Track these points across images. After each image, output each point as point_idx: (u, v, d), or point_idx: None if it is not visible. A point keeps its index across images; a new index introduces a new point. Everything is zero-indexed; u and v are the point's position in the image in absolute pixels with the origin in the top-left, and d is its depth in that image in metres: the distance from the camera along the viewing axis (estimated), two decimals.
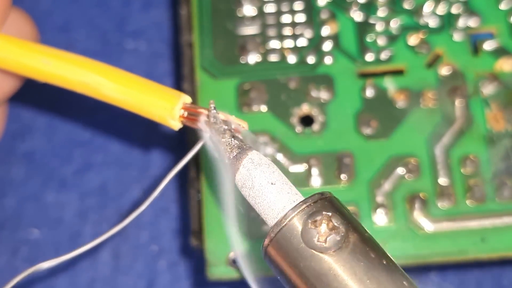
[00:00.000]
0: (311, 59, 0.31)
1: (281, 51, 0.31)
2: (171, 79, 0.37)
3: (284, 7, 0.31)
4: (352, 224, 0.20)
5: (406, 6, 0.31)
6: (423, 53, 0.30)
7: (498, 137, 0.29)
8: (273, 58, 0.31)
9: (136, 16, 0.39)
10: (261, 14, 0.31)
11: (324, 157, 0.29)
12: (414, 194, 0.29)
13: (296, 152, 0.29)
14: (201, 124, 0.23)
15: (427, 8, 0.31)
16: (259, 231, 0.28)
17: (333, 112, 0.30)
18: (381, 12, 0.31)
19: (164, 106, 0.23)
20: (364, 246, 0.20)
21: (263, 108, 0.30)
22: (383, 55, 0.31)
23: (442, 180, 0.29)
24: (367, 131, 0.29)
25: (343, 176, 0.29)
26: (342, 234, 0.20)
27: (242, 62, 0.31)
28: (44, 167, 0.35)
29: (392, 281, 0.19)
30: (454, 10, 0.31)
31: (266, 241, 0.20)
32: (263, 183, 0.21)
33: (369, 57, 0.31)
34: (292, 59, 0.31)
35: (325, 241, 0.20)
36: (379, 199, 0.29)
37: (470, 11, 0.31)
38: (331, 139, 0.30)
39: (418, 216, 0.28)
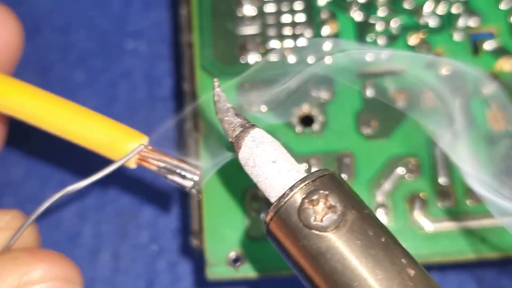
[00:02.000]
0: (311, 59, 0.31)
1: (281, 51, 0.31)
2: (171, 79, 0.37)
3: (284, 7, 0.32)
4: (351, 202, 0.20)
5: (406, 6, 0.31)
6: (423, 53, 0.30)
7: (498, 137, 0.29)
8: (273, 58, 0.31)
9: (136, 16, 0.39)
10: (261, 14, 0.31)
11: (324, 157, 0.29)
12: (414, 194, 0.29)
13: (296, 152, 0.29)
14: (156, 169, 0.23)
15: (427, 8, 0.31)
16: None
17: (333, 112, 0.30)
18: (381, 12, 0.31)
19: (117, 148, 0.24)
20: (362, 224, 0.20)
21: (263, 108, 0.30)
22: (383, 55, 0.31)
23: (442, 180, 0.29)
24: (367, 131, 0.29)
25: (343, 176, 0.29)
26: (339, 212, 0.20)
27: (242, 62, 0.31)
28: (43, 167, 0.35)
29: (390, 259, 0.19)
30: (454, 10, 0.31)
31: (267, 218, 0.21)
32: (264, 161, 0.21)
33: (370, 57, 0.31)
34: (292, 59, 0.31)
35: (322, 220, 0.20)
36: (379, 199, 0.29)
37: (470, 11, 0.31)
38: (331, 139, 0.30)
39: (418, 216, 0.28)
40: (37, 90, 0.25)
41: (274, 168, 0.21)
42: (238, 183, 0.29)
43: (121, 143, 0.23)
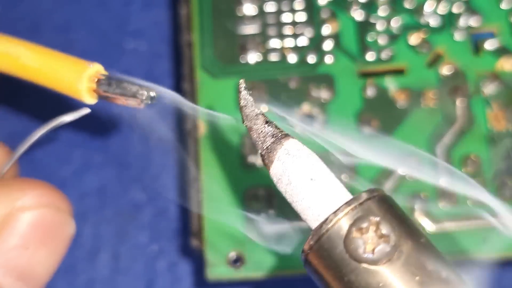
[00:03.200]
0: (311, 59, 0.31)
1: (282, 51, 0.31)
2: (171, 79, 0.37)
3: (285, 6, 0.31)
4: (405, 230, 0.17)
5: (407, 5, 0.31)
6: (424, 53, 0.30)
7: (499, 137, 0.29)
8: (274, 57, 0.31)
9: (136, 16, 0.39)
10: (261, 13, 0.31)
11: (325, 157, 0.29)
12: (415, 194, 0.29)
13: None
14: (119, 99, 0.22)
15: (428, 7, 0.31)
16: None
17: (333, 112, 0.30)
18: (382, 11, 0.31)
19: (73, 75, 0.22)
20: (420, 256, 0.17)
21: (264, 107, 0.30)
22: (384, 55, 0.30)
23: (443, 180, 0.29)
24: (368, 130, 0.29)
25: (344, 176, 0.29)
26: (393, 243, 0.17)
27: (242, 61, 0.31)
28: (43, 167, 0.35)
29: None
30: (455, 9, 0.31)
31: (306, 247, 0.18)
32: (301, 178, 0.18)
33: (370, 56, 0.31)
34: (292, 58, 0.31)
35: (373, 251, 0.17)
36: None
37: (471, 10, 0.31)
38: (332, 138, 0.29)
39: (419, 216, 0.28)
40: None
41: (312, 187, 0.18)
42: (238, 183, 0.29)
43: (75, 73, 0.22)
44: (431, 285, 0.17)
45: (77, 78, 0.22)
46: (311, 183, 0.18)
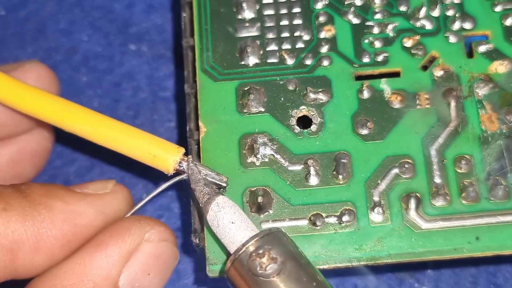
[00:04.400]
0: (309, 62, 0.31)
1: (280, 54, 0.31)
2: (172, 80, 0.38)
3: (283, 10, 0.32)
4: (290, 254, 0.26)
5: (402, 9, 0.32)
6: (419, 56, 0.31)
7: (492, 138, 0.30)
8: (272, 60, 0.31)
9: (139, 18, 0.39)
10: (260, 17, 0.32)
11: (322, 157, 0.30)
12: (410, 193, 0.29)
13: (294, 153, 0.30)
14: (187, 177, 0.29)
15: (423, 11, 0.32)
16: None
17: (330, 114, 0.30)
18: (378, 15, 0.32)
19: (166, 160, 0.29)
20: (298, 271, 0.25)
21: (262, 109, 0.30)
22: (380, 58, 0.31)
23: (437, 180, 0.29)
24: (364, 132, 0.30)
25: (340, 176, 0.29)
26: (280, 262, 0.25)
27: (242, 64, 0.31)
28: (47, 167, 0.35)
29: None
30: (449, 13, 0.32)
31: (226, 267, 0.26)
32: (225, 222, 0.27)
33: (366, 59, 0.31)
34: (290, 61, 0.31)
35: (265, 269, 0.25)
36: (376, 198, 0.29)
37: (465, 14, 0.31)
38: (329, 139, 0.30)
39: (414, 215, 0.29)
40: (94, 114, 0.30)
41: (233, 227, 0.27)
42: (238, 184, 0.30)
43: (164, 156, 0.29)
44: None
45: (168, 158, 0.29)
46: (232, 225, 0.27)
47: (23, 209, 0.26)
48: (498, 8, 0.32)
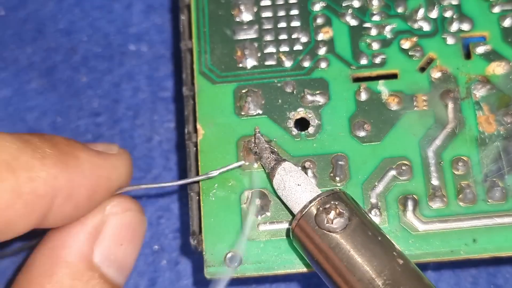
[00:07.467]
0: (306, 64, 0.31)
1: (277, 56, 0.31)
2: (172, 81, 0.38)
3: (281, 13, 0.32)
4: (355, 211, 0.26)
5: (400, 11, 0.32)
6: (416, 57, 0.31)
7: (490, 139, 0.30)
8: (270, 62, 0.31)
9: (138, 19, 0.39)
10: (258, 19, 0.32)
11: (319, 159, 0.30)
12: (407, 195, 0.29)
13: (292, 155, 0.30)
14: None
15: (421, 12, 0.32)
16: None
17: (328, 116, 0.30)
18: (375, 17, 0.32)
19: None
20: (363, 227, 0.26)
21: (260, 111, 0.31)
22: (377, 59, 0.31)
23: (434, 182, 0.29)
24: (361, 133, 0.30)
25: (337, 178, 0.29)
26: (346, 217, 0.26)
27: (239, 66, 0.31)
28: None
29: (384, 252, 0.26)
30: (447, 14, 0.32)
31: (293, 225, 0.27)
32: (291, 185, 0.28)
33: (363, 61, 0.31)
34: (288, 63, 0.31)
35: (333, 222, 0.26)
36: (373, 200, 0.29)
37: (462, 15, 0.31)
38: (326, 141, 0.30)
39: (411, 216, 0.29)
40: None
41: (299, 189, 0.28)
42: (237, 185, 0.30)
43: None
44: (369, 243, 0.26)
45: None
46: (298, 187, 0.28)
47: (57, 156, 0.26)
48: (496, 10, 0.32)
